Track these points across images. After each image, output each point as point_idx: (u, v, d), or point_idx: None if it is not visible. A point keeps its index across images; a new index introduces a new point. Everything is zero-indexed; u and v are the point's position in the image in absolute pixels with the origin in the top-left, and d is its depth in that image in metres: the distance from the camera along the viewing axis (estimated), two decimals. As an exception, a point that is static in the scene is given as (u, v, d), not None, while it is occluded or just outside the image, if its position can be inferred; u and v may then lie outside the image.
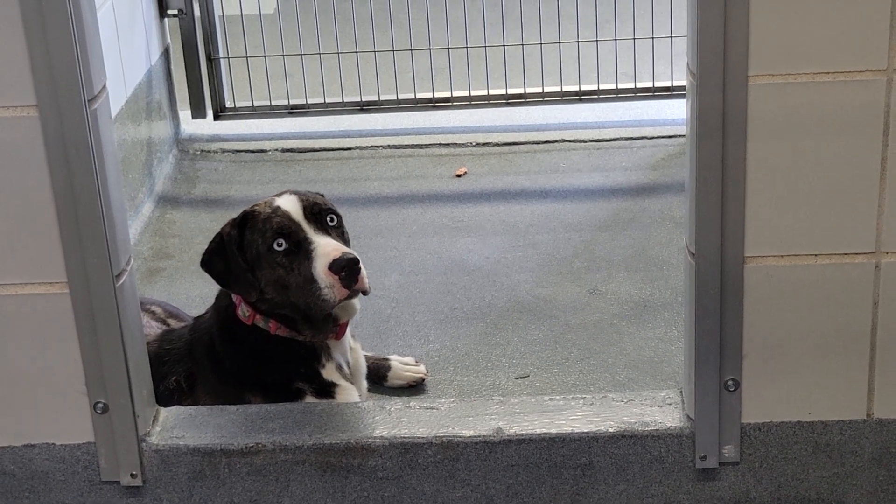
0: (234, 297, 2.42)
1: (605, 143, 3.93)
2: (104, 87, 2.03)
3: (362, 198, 3.70)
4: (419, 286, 3.23)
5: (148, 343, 2.35)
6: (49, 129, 1.97)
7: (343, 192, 3.71)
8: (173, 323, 2.69)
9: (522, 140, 3.98)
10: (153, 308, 2.73)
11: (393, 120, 4.11)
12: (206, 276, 2.46)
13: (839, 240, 2.03)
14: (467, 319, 3.08)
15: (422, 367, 2.83)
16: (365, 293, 2.33)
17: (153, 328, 2.60)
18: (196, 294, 3.16)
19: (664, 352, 2.90)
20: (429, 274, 3.29)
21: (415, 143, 4.00)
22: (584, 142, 3.95)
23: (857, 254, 2.03)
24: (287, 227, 2.34)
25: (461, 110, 4.03)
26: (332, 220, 2.38)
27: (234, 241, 2.37)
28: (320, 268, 2.28)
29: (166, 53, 3.99)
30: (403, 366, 2.82)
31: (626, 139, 3.94)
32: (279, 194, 2.44)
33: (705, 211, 2.01)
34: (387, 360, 2.81)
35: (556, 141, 3.96)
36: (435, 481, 2.19)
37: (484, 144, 3.97)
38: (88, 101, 1.96)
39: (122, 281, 2.09)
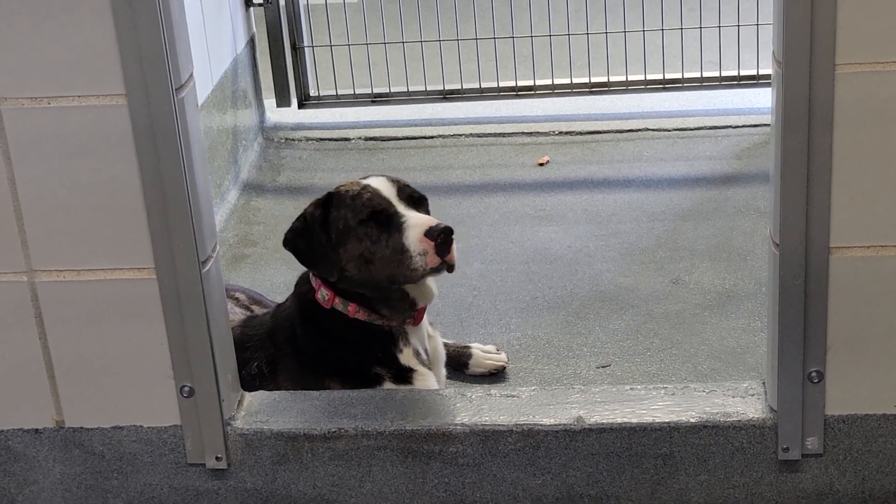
0: (314, 282, 2.44)
1: (688, 132, 3.90)
2: (191, 75, 2.05)
3: (445, 186, 3.71)
4: (501, 274, 3.23)
5: (233, 327, 2.38)
6: (137, 118, 2.00)
7: (426, 180, 3.72)
8: (257, 309, 2.72)
9: (605, 129, 3.97)
10: (237, 295, 2.76)
11: (475, 108, 4.12)
12: (290, 262, 2.48)
13: (927, 230, 2.00)
14: (549, 308, 3.08)
15: (503, 356, 2.84)
16: (451, 269, 2.34)
17: (237, 314, 2.64)
18: (280, 280, 3.19)
19: (747, 342, 2.88)
20: (510, 262, 3.30)
21: (497, 132, 4.01)
22: (668, 131, 3.93)
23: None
24: (379, 203, 2.36)
25: (544, 99, 4.03)
26: (421, 201, 2.42)
27: (318, 220, 2.39)
28: (414, 236, 2.31)
29: (252, 42, 4.03)
30: (485, 354, 2.83)
31: (711, 128, 3.91)
32: (364, 177, 2.47)
33: (790, 201, 1.99)
34: (468, 347, 2.82)
35: (639, 130, 3.94)
36: (515, 469, 2.19)
37: (567, 133, 3.97)
38: (176, 89, 1.99)
39: (208, 267, 2.12)
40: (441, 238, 2.29)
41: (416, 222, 2.33)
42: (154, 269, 2.10)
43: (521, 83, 4.01)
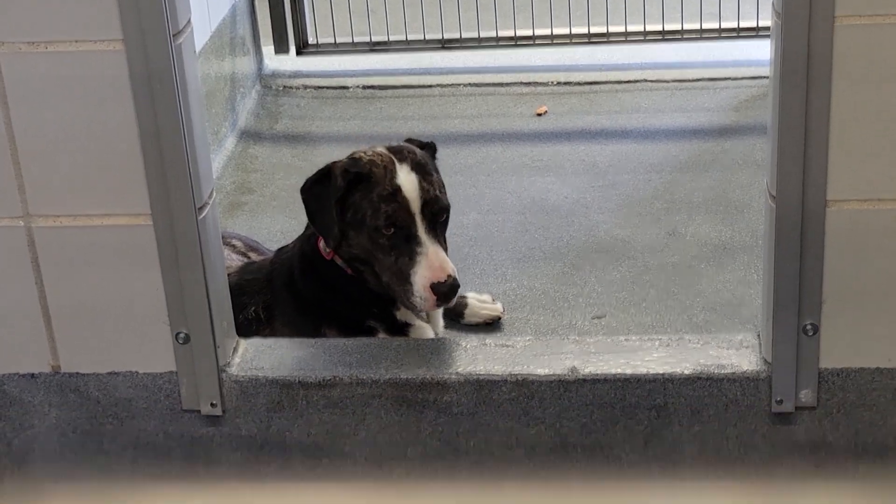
0: (321, 231, 2.43)
1: (687, 84, 3.90)
2: (189, 21, 2.04)
3: (442, 135, 3.70)
4: (497, 225, 3.24)
5: (229, 274, 2.38)
6: (134, 63, 1.99)
7: (423, 129, 3.71)
8: (254, 256, 2.72)
9: (604, 79, 3.96)
10: (234, 241, 2.76)
11: (474, 58, 4.10)
12: (287, 210, 2.49)
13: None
14: (545, 259, 3.08)
15: (498, 305, 2.85)
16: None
17: (233, 261, 2.64)
18: (277, 228, 3.19)
19: (742, 295, 2.89)
20: (507, 212, 3.30)
21: (495, 82, 4.00)
22: (667, 82, 3.92)
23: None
24: (402, 220, 2.31)
25: (543, 49, 4.02)
26: (441, 217, 2.35)
27: (339, 191, 2.33)
28: (420, 280, 2.29)
29: (249, -11, 4.01)
30: (480, 303, 2.84)
31: (709, 80, 3.91)
32: (400, 156, 2.36)
33: (787, 154, 1.99)
34: (464, 297, 2.82)
35: (637, 81, 3.94)
36: (509, 418, 2.20)
37: (565, 83, 3.96)
38: (173, 35, 1.98)
39: (204, 213, 2.12)
40: (444, 296, 2.29)
41: (429, 263, 2.29)
42: (150, 216, 2.10)
43: (519, 33, 3.99)
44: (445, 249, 2.36)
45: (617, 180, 3.42)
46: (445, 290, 2.30)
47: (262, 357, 2.26)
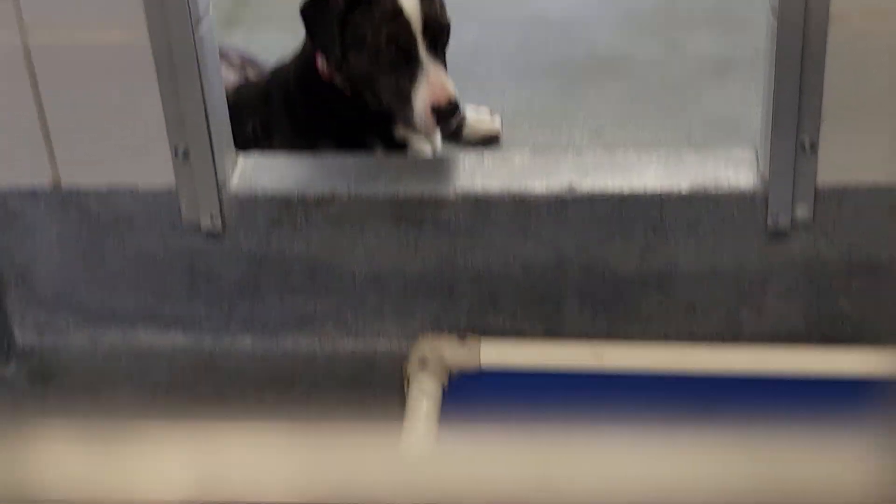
0: (320, 50, 2.41)
1: None
2: None
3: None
4: (497, 39, 3.21)
5: (227, 93, 2.37)
6: None
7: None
8: (250, 71, 2.71)
9: None
10: (230, 55, 2.74)
11: None
12: (285, 26, 2.46)
13: (927, 0, 1.98)
14: (544, 74, 3.06)
15: (497, 121, 2.84)
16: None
17: (230, 77, 2.62)
18: (275, 45, 3.15)
19: (742, 111, 2.87)
20: (507, 26, 3.26)
21: None
22: None
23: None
24: (404, 39, 2.28)
25: None
26: (442, 37, 2.32)
27: (340, 10, 2.30)
28: (421, 102, 2.26)
29: None
30: (478, 120, 2.83)
31: None
32: None
33: (791, -32, 1.96)
34: (462, 114, 2.81)
35: None
36: (506, 235, 2.22)
37: None
38: None
39: (201, 27, 2.10)
40: (444, 118, 2.26)
41: (430, 84, 2.26)
42: (146, 30, 2.08)
43: None
44: (446, 69, 2.35)
45: (617, -7, 3.37)
46: (446, 113, 2.29)
47: (261, 173, 2.27)
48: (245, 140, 2.44)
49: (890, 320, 2.22)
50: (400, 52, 2.29)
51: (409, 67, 2.29)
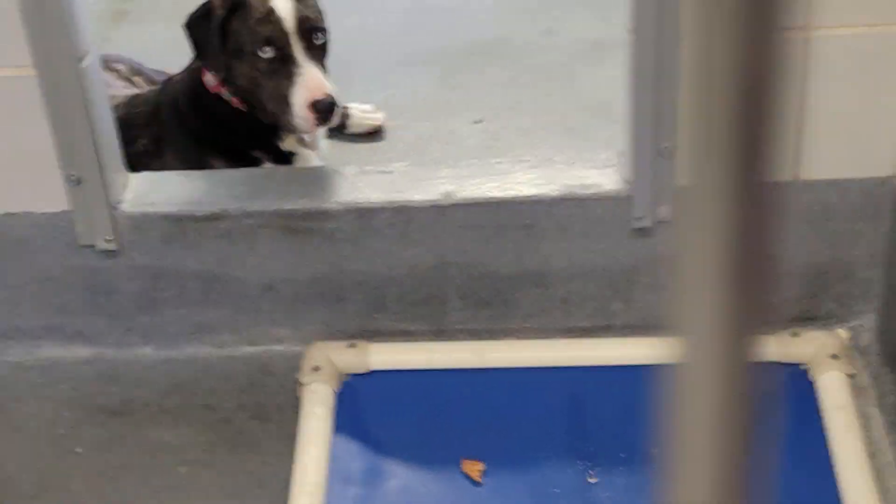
0: (206, 64, 2.50)
1: None
2: None
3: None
4: (378, 27, 3.31)
5: (116, 106, 2.46)
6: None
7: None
8: (138, 80, 2.79)
9: None
10: (117, 66, 2.82)
11: None
12: (171, 20, 2.54)
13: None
14: (425, 62, 3.17)
15: (380, 115, 2.95)
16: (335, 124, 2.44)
17: (118, 89, 2.70)
18: (161, 38, 3.22)
19: (615, 94, 2.99)
20: (388, 13, 3.36)
21: None
22: None
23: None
24: (278, 39, 2.37)
25: None
26: (318, 38, 2.41)
27: (219, 20, 2.39)
28: (299, 100, 2.36)
29: None
30: (362, 113, 2.94)
31: None
32: None
33: (642, -9, 2.09)
34: (346, 108, 2.92)
35: None
36: (389, 241, 2.34)
37: None
38: None
39: (86, 62, 2.18)
40: (323, 114, 2.36)
41: (306, 83, 2.36)
42: (33, 65, 2.16)
43: None
44: (324, 68, 2.45)
45: (495, -25, 3.48)
46: (324, 108, 2.38)
47: (152, 192, 2.36)
48: (137, 154, 2.53)
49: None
50: (277, 54, 2.39)
51: (285, 68, 2.39)
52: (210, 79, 2.48)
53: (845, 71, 2.16)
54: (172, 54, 2.66)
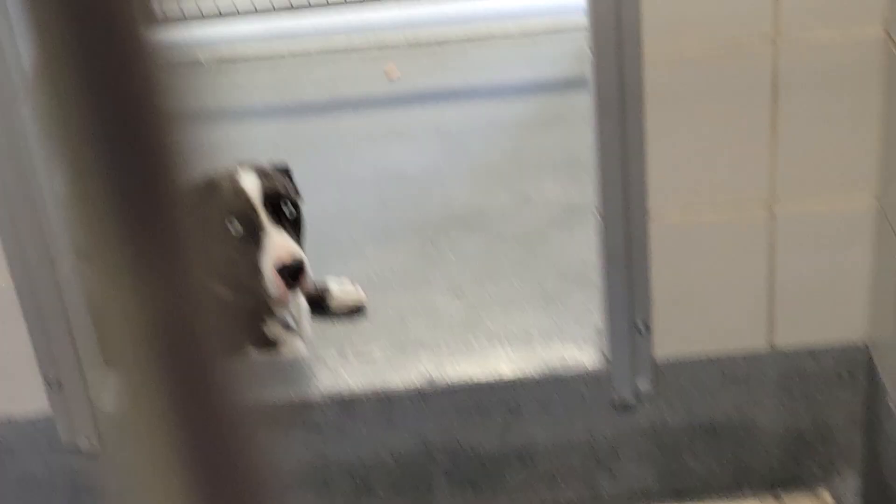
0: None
1: (532, 35, 4.00)
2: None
3: (296, 106, 3.78)
4: (355, 201, 3.34)
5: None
6: (-21, 140, 2.06)
7: (277, 100, 3.79)
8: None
9: (452, 35, 4.04)
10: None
11: (324, 20, 4.15)
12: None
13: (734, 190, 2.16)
14: (403, 235, 3.20)
15: (360, 292, 2.97)
16: (308, 291, 2.46)
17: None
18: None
19: (589, 258, 3.03)
20: (364, 186, 3.40)
21: (345, 45, 4.06)
22: (512, 34, 4.01)
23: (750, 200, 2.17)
24: (244, 211, 2.42)
25: (390, 8, 4.07)
26: (286, 209, 2.46)
27: (192, 206, 2.44)
28: (267, 265, 2.39)
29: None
30: (343, 292, 2.96)
31: (553, 30, 4.01)
32: (243, 165, 2.49)
33: (608, 174, 2.13)
34: (325, 287, 2.93)
35: (484, 34, 4.03)
36: (373, 427, 2.35)
37: (415, 42, 4.04)
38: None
39: (63, 268, 2.20)
40: (290, 277, 2.39)
41: (273, 249, 2.39)
42: (9, 275, 2.19)
43: (366, -8, 4.05)
44: (298, 241, 2.47)
45: (468, 144, 3.53)
46: (290, 271, 2.40)
47: (133, 391, 2.37)
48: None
49: (731, 472, 2.39)
50: (245, 228, 2.42)
51: (254, 238, 2.42)
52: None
53: (811, 242, 2.19)
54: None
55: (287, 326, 2.58)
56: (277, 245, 2.40)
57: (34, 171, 2.10)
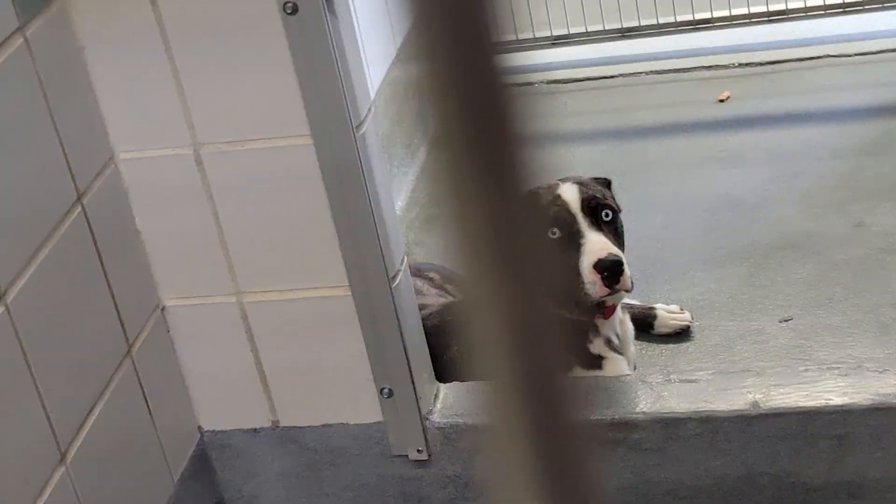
0: (507, 270, 2.58)
1: (871, 57, 3.87)
2: (370, 110, 2.20)
3: (628, 130, 3.78)
4: (684, 224, 3.32)
5: (430, 314, 2.55)
6: (323, 157, 2.17)
7: (610, 124, 3.81)
8: (450, 288, 2.88)
9: (785, 58, 3.96)
10: (430, 274, 2.92)
11: (654, 44, 4.14)
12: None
13: None
14: (731, 259, 3.16)
15: (687, 315, 2.94)
16: (627, 291, 2.46)
17: (432, 295, 2.80)
18: (471, 242, 3.33)
19: (930, 288, 2.92)
20: (694, 210, 3.37)
21: (677, 68, 4.04)
22: (850, 56, 3.90)
23: None
24: (563, 218, 2.46)
25: (722, 30, 4.03)
26: (606, 215, 2.49)
27: None
28: (586, 264, 2.42)
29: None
30: (669, 314, 2.95)
31: (894, 51, 3.87)
32: (564, 179, 2.55)
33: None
34: (653, 308, 2.93)
35: (820, 57, 3.92)
36: (696, 451, 2.33)
37: (747, 65, 3.98)
38: (356, 127, 2.15)
39: (397, 281, 2.29)
40: (607, 273, 2.40)
41: (590, 248, 2.43)
42: (349, 287, 2.29)
43: (698, 16, 4.01)
44: (620, 246, 2.49)
45: (801, 168, 3.45)
46: (607, 265, 2.41)
47: (460, 403, 2.43)
48: (451, 360, 2.61)
49: None
50: (564, 234, 2.46)
51: (573, 243, 2.45)
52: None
53: None
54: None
55: (611, 345, 2.59)
56: (594, 244, 2.44)
57: (374, 184, 2.19)
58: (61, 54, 2.12)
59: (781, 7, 3.96)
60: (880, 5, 3.91)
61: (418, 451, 2.40)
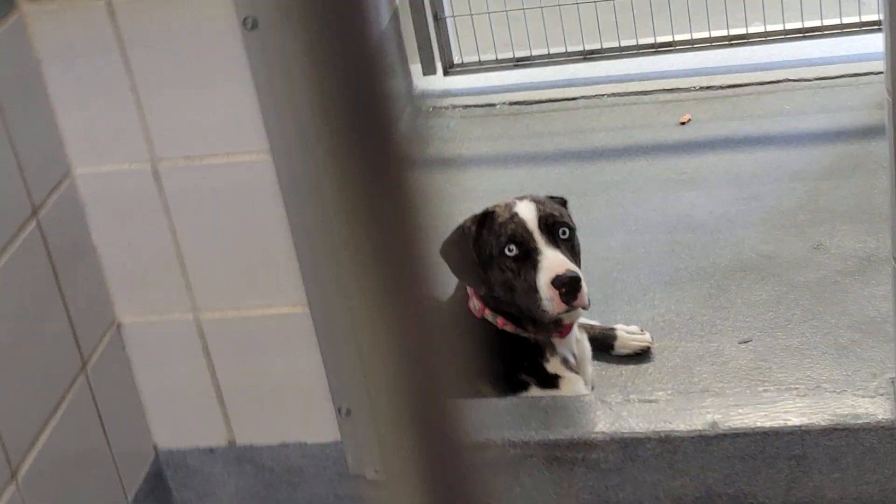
0: (469, 290, 2.58)
1: (830, 81, 3.90)
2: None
3: (588, 151, 3.79)
4: (644, 246, 3.32)
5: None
6: (282, 173, 2.16)
7: (570, 145, 3.81)
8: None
9: (746, 81, 3.98)
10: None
11: (616, 66, 4.16)
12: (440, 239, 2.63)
13: None
14: (691, 281, 3.16)
15: (647, 336, 2.95)
16: (584, 308, 2.46)
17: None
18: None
19: (887, 311, 2.92)
20: (653, 232, 3.38)
21: (639, 90, 4.05)
22: (809, 80, 3.92)
23: None
24: (520, 235, 2.47)
25: (684, 53, 4.05)
26: (563, 233, 2.50)
27: (472, 236, 2.52)
28: (543, 280, 2.42)
29: (395, 16, 4.14)
30: (629, 335, 2.95)
31: (853, 76, 3.90)
32: (521, 198, 2.56)
33: (908, 219, 2.05)
34: (612, 329, 2.93)
35: (780, 81, 3.95)
36: (655, 472, 2.32)
37: (708, 88, 4.00)
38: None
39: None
40: (565, 289, 2.39)
41: (547, 264, 2.43)
42: (307, 304, 2.27)
43: (659, 39, 4.04)
44: (577, 263, 2.49)
45: (761, 191, 3.46)
46: (565, 281, 2.41)
47: (419, 422, 2.41)
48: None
49: None
50: (521, 251, 2.46)
51: (530, 260, 2.46)
52: (475, 304, 2.55)
53: None
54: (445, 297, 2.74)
55: (568, 364, 2.59)
56: (551, 261, 2.44)
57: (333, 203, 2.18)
58: (18, 67, 2.11)
59: (742, 31, 3.99)
60: (839, 31, 3.95)
61: (376, 470, 2.38)
